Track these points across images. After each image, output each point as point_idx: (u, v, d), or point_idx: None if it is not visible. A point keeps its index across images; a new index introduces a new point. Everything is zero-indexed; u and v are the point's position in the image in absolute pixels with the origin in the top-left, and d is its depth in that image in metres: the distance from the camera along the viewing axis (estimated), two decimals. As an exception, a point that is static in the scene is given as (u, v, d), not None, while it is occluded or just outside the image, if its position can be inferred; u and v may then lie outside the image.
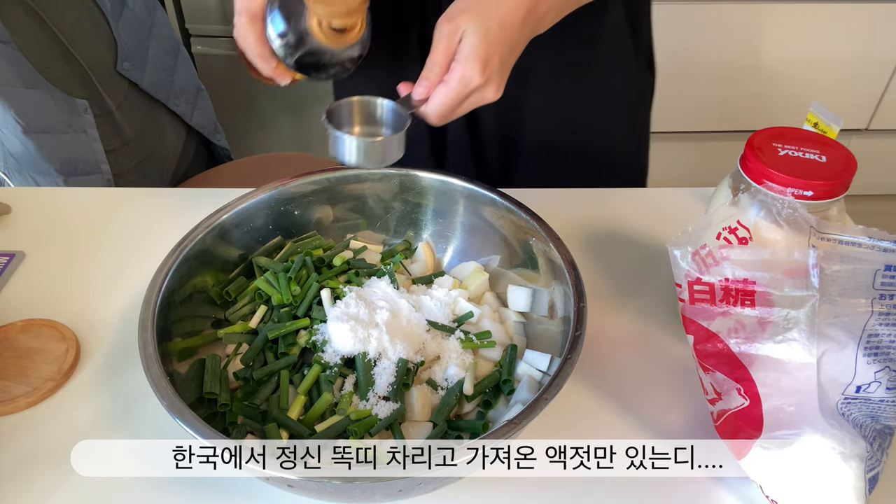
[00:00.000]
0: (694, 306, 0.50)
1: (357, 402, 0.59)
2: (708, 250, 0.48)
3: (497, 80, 0.57)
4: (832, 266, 0.44)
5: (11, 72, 1.03)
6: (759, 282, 0.47)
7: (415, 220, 0.75)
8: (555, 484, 0.57)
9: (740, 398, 0.51)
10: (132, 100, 1.28)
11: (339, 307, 0.63)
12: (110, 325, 0.70)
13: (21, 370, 0.65)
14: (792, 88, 1.78)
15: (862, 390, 0.47)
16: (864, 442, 0.49)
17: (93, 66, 1.18)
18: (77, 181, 1.13)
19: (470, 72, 0.55)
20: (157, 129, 1.35)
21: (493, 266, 0.73)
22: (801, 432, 0.49)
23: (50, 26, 1.11)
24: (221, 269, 0.69)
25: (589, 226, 0.84)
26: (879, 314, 0.44)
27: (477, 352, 0.64)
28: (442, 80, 0.57)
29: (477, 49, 0.55)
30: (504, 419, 0.54)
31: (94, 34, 1.21)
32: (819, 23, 1.69)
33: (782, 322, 0.47)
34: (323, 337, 0.62)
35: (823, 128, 0.71)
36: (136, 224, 0.84)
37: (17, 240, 0.81)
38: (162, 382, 0.52)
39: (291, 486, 0.49)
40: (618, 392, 0.65)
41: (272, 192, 0.70)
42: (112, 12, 1.24)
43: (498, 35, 0.55)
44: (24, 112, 1.05)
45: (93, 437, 0.60)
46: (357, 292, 0.65)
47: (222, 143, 1.53)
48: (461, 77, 0.56)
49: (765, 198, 0.56)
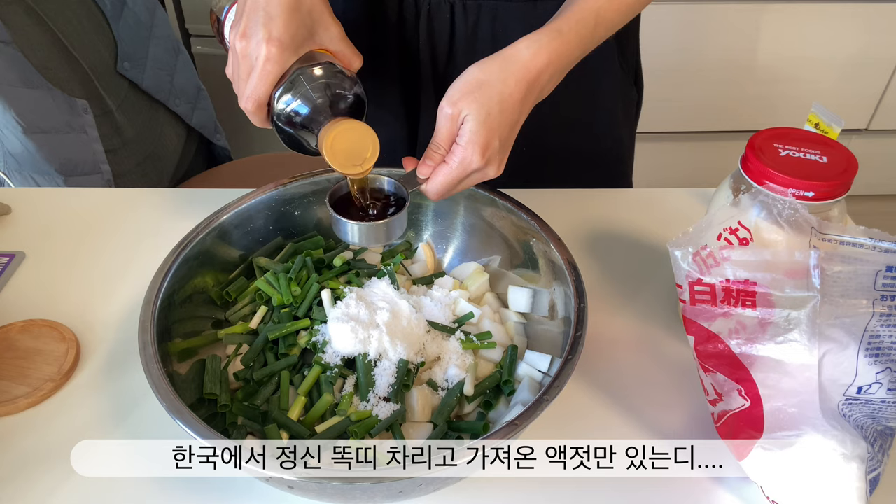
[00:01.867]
0: (695, 307, 0.50)
1: (357, 402, 0.59)
2: (709, 251, 0.48)
3: (497, 161, 0.60)
4: (833, 267, 0.44)
5: (12, 72, 1.03)
6: (759, 283, 0.46)
7: (415, 220, 0.75)
8: (555, 484, 0.57)
9: (741, 399, 0.51)
10: (132, 100, 1.28)
11: (340, 308, 0.63)
12: (110, 326, 0.70)
13: (21, 370, 0.65)
14: (792, 88, 1.78)
15: (863, 391, 0.47)
16: (865, 443, 0.49)
17: (93, 66, 1.18)
18: (77, 181, 1.13)
19: (470, 156, 0.57)
20: (157, 129, 1.35)
21: (494, 267, 0.73)
22: (801, 433, 0.49)
23: (50, 26, 1.11)
24: (222, 270, 0.68)
25: (589, 226, 0.84)
26: (881, 315, 0.44)
27: (477, 352, 0.64)
28: (444, 160, 0.59)
29: (477, 135, 0.57)
30: (505, 420, 0.54)
31: (94, 34, 1.21)
32: (819, 23, 1.69)
33: (783, 323, 0.47)
34: (323, 338, 0.62)
35: (824, 128, 0.71)
36: (136, 224, 0.84)
37: (17, 240, 0.81)
38: (162, 383, 0.52)
39: (291, 486, 0.49)
40: (618, 392, 0.65)
41: (272, 192, 0.70)
42: (112, 12, 1.24)
43: (498, 118, 0.57)
44: (25, 112, 1.05)
45: (93, 437, 0.60)
46: (357, 293, 0.65)
47: (223, 142, 1.53)
48: (462, 160, 0.58)
49: (766, 198, 0.56)
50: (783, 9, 1.66)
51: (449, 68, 0.84)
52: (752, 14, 1.66)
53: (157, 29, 1.34)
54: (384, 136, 0.60)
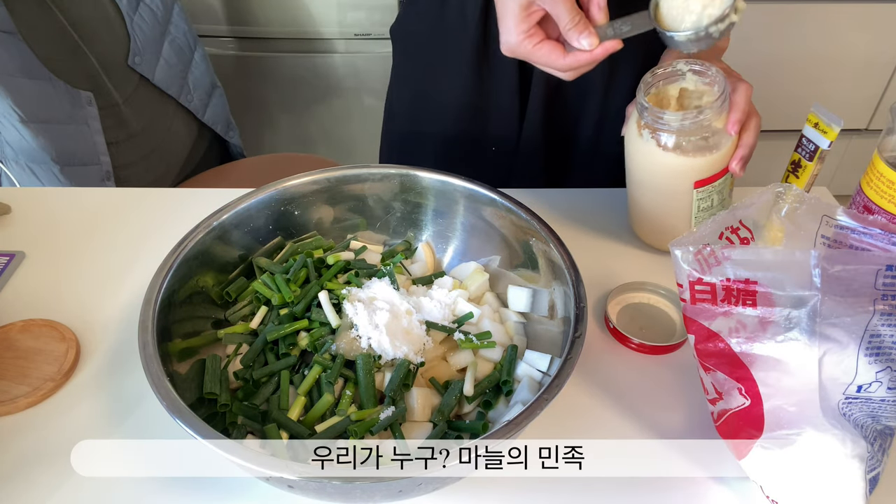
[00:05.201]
0: (695, 306, 0.50)
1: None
2: (710, 250, 0.48)
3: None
4: (834, 266, 0.44)
5: (12, 61, 1.03)
6: (760, 282, 0.46)
7: (415, 220, 0.75)
8: (555, 484, 0.57)
9: (741, 398, 0.51)
10: (142, 93, 1.29)
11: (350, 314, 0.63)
12: (110, 325, 0.70)
13: (21, 370, 0.65)
14: (792, 88, 1.78)
15: (863, 390, 0.47)
16: (865, 442, 0.49)
17: (102, 60, 1.19)
18: (73, 171, 1.13)
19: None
20: (166, 124, 1.35)
21: (494, 266, 0.72)
22: (801, 432, 0.49)
23: (60, 18, 1.11)
24: (222, 270, 0.68)
25: (589, 226, 0.84)
26: (881, 314, 0.44)
27: (477, 352, 0.64)
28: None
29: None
30: (504, 419, 0.54)
31: (106, 28, 1.22)
32: (820, 23, 1.69)
33: (783, 322, 0.46)
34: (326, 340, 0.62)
35: (824, 128, 0.71)
36: (136, 224, 0.84)
37: (17, 240, 0.81)
38: (162, 383, 0.51)
39: (291, 486, 0.49)
40: (618, 392, 0.65)
41: (272, 192, 0.70)
42: (128, 7, 1.24)
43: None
44: (23, 102, 1.05)
45: (93, 437, 0.60)
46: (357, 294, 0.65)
47: (235, 140, 1.53)
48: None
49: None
50: (783, 9, 1.66)
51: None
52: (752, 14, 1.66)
53: (174, 25, 1.35)
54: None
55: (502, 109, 0.92)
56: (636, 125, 0.72)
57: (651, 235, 0.81)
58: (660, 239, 0.80)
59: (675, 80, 0.71)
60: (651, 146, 0.70)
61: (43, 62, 1.07)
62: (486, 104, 0.93)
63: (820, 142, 0.72)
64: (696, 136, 0.68)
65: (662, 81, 0.71)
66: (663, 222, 0.77)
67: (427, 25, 0.91)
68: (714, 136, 0.69)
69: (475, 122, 0.94)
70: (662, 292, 0.73)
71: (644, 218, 0.79)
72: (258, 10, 1.76)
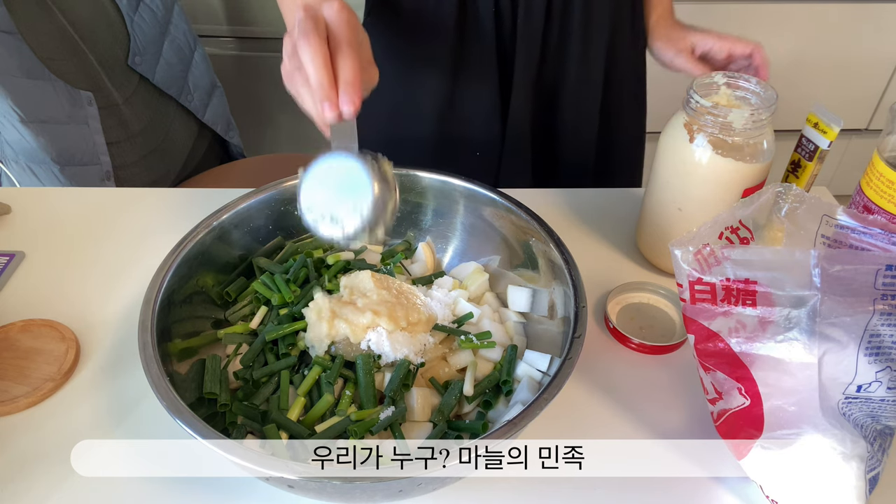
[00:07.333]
0: (695, 306, 0.50)
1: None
2: (709, 250, 0.48)
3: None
4: (833, 266, 0.44)
5: (12, 61, 1.03)
6: (760, 281, 0.46)
7: (415, 220, 0.75)
8: (555, 484, 0.57)
9: (741, 398, 0.51)
10: (142, 93, 1.29)
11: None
12: (110, 325, 0.70)
13: (21, 370, 0.65)
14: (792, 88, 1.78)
15: (863, 390, 0.47)
16: (865, 442, 0.49)
17: (102, 60, 1.19)
18: (73, 171, 1.13)
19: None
20: (166, 124, 1.35)
21: (494, 266, 0.73)
22: (801, 432, 0.49)
23: (60, 18, 1.11)
24: (221, 270, 0.68)
25: (589, 226, 0.84)
26: (881, 314, 0.44)
27: (477, 352, 0.64)
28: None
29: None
30: (504, 419, 0.54)
31: (106, 28, 1.22)
32: (819, 23, 1.69)
33: (783, 322, 0.46)
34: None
35: (824, 128, 0.71)
36: (136, 224, 0.84)
37: (17, 240, 0.81)
38: (162, 383, 0.51)
39: (291, 486, 0.49)
40: (618, 392, 0.65)
41: (272, 192, 0.70)
42: (128, 7, 1.24)
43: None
44: (23, 102, 1.05)
45: (93, 437, 0.60)
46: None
47: (235, 140, 1.53)
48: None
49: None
50: (782, 9, 1.66)
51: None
52: (752, 14, 1.66)
53: (174, 25, 1.35)
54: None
55: (484, 112, 0.91)
56: (685, 130, 0.69)
57: (664, 257, 0.77)
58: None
59: (714, 91, 0.70)
60: (705, 151, 0.67)
61: (43, 62, 1.07)
62: (465, 108, 0.91)
63: (820, 142, 0.72)
64: (754, 138, 0.67)
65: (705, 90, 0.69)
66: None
67: (399, 30, 0.89)
68: (763, 142, 0.68)
69: (456, 126, 0.93)
70: (662, 292, 0.73)
71: (665, 236, 0.74)
72: (258, 10, 1.76)
